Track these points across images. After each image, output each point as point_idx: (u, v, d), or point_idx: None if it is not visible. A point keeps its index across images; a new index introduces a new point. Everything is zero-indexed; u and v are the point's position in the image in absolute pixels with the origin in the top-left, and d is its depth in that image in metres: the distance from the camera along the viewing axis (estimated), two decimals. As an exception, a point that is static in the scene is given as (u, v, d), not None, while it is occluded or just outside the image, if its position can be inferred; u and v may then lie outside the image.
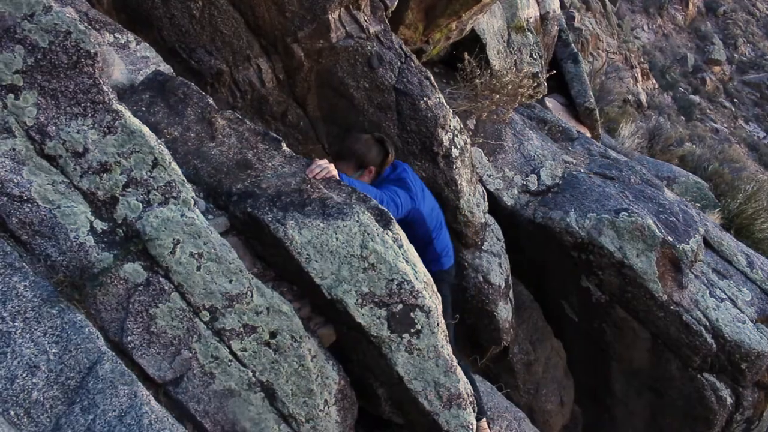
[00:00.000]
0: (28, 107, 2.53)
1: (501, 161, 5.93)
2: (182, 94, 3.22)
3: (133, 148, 2.64)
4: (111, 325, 2.56)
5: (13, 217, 2.50)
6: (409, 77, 4.50)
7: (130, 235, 2.61)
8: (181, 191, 2.69)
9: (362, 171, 3.85)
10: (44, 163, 2.57)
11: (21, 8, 2.50)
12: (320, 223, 2.87)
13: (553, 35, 9.38)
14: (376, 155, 3.90)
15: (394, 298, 2.88)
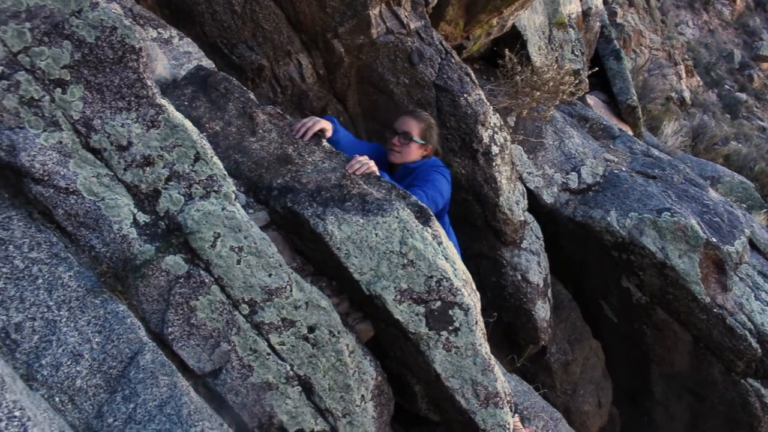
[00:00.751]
0: (74, 101, 2.57)
1: (541, 159, 5.87)
2: (224, 89, 3.24)
3: (176, 142, 2.68)
4: (152, 316, 2.60)
5: (59, 209, 2.55)
6: (450, 73, 4.48)
7: (172, 228, 2.64)
8: (223, 185, 2.72)
9: (425, 143, 3.88)
10: (89, 156, 2.61)
11: (69, 5, 2.55)
12: (360, 219, 2.87)
13: (595, 31, 9.25)
14: (438, 140, 4.00)
15: (433, 295, 2.87)
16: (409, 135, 3.82)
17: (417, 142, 3.83)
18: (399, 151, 3.85)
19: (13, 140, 2.50)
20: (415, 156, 3.87)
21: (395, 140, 3.85)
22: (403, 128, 3.85)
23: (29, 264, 2.47)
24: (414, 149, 3.85)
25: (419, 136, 3.84)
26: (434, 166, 3.86)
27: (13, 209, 2.57)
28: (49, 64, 2.54)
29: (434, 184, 3.67)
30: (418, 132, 3.85)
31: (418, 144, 3.84)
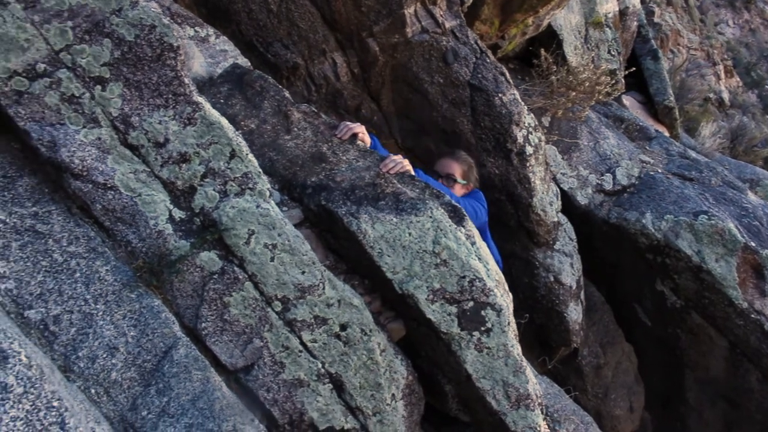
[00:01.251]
0: (113, 98, 2.61)
1: (575, 160, 5.81)
2: (259, 87, 3.27)
3: (212, 140, 2.70)
4: (186, 311, 2.63)
5: (97, 204, 2.59)
6: (484, 73, 4.46)
7: (207, 225, 2.67)
8: (257, 183, 2.74)
9: (465, 183, 4.02)
10: (127, 152, 2.64)
11: (110, 3, 2.59)
12: (393, 218, 2.87)
13: (632, 31, 9.13)
14: (478, 178, 4.16)
15: (466, 295, 2.85)
16: (452, 177, 3.97)
17: (460, 183, 3.98)
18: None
19: (54, 136, 2.54)
20: (458, 195, 3.95)
21: (440, 182, 3.94)
22: (446, 171, 3.99)
23: (68, 258, 2.52)
24: (458, 189, 3.98)
25: (462, 177, 4.00)
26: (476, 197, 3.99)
27: (53, 204, 2.62)
28: (89, 62, 2.58)
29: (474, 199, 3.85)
30: (461, 173, 4.00)
31: (461, 185, 3.99)
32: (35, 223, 2.55)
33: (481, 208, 3.86)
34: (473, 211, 3.70)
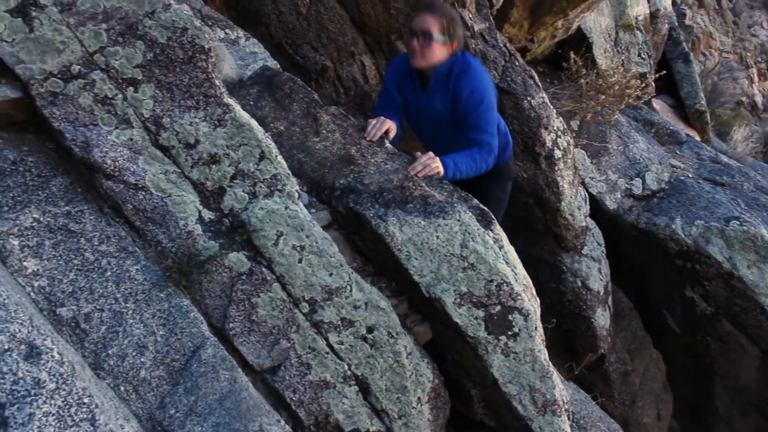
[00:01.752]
0: (145, 100, 2.65)
1: (605, 164, 5.77)
2: (288, 89, 3.29)
3: (242, 141, 2.72)
4: (214, 311, 2.65)
5: (128, 204, 2.62)
6: (513, 76, 4.45)
7: (236, 226, 2.69)
8: (286, 184, 2.75)
9: (447, 39, 3.36)
10: (158, 153, 2.68)
11: (143, 6, 2.62)
12: (421, 221, 2.87)
13: (663, 34, 9.04)
14: (463, 34, 3.49)
15: (493, 300, 2.84)
16: (428, 34, 3.31)
17: (439, 40, 3.33)
18: (421, 54, 3.36)
19: (87, 137, 2.58)
20: (440, 56, 3.38)
21: (414, 42, 3.34)
22: (421, 27, 3.33)
23: (99, 257, 2.56)
24: (437, 49, 3.35)
25: (440, 32, 3.32)
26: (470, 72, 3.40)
27: (86, 203, 2.66)
28: (122, 64, 2.62)
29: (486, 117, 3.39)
30: (439, 28, 3.32)
31: (441, 42, 3.34)
32: (68, 222, 2.59)
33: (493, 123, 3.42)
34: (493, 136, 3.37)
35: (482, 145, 3.34)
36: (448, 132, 3.51)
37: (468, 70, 3.38)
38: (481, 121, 3.35)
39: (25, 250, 2.47)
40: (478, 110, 3.35)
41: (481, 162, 3.34)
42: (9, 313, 2.10)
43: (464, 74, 3.36)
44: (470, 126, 3.37)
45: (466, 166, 3.29)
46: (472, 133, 3.36)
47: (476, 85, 3.35)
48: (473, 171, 3.33)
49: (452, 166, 3.22)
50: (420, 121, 3.66)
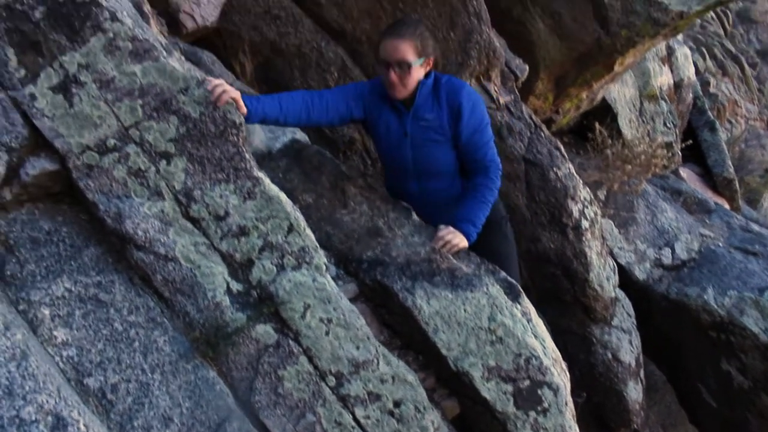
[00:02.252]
0: (177, 172, 2.70)
1: (633, 233, 5.73)
2: (317, 161, 3.34)
3: (271, 214, 2.76)
4: (240, 383, 2.63)
5: (158, 275, 2.65)
6: (539, 147, 4.48)
7: (264, 298, 2.70)
8: (314, 257, 2.77)
9: (423, 60, 3.06)
10: (188, 225, 2.72)
11: (178, 83, 2.71)
12: (449, 294, 2.86)
13: (688, 103, 9.09)
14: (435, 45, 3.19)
15: (522, 374, 2.80)
16: (405, 63, 3.01)
17: (416, 65, 3.04)
18: (401, 85, 3.08)
19: (120, 208, 2.64)
20: (419, 77, 3.10)
21: (392, 75, 3.05)
22: (396, 57, 3.00)
23: (127, 327, 2.57)
24: (415, 74, 3.06)
25: (417, 56, 3.03)
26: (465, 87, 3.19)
27: (116, 273, 2.70)
28: (156, 138, 2.69)
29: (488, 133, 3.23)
30: (414, 52, 3.01)
31: (419, 65, 3.06)
32: (98, 292, 2.62)
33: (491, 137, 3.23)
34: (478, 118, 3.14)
35: (488, 168, 3.19)
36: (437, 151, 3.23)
37: (461, 85, 3.18)
38: (485, 136, 3.20)
39: (55, 319, 2.50)
40: (481, 125, 3.17)
41: (493, 193, 3.22)
42: (38, 384, 2.11)
43: (460, 89, 3.13)
44: (476, 145, 3.18)
45: (483, 213, 3.18)
46: (479, 153, 3.19)
47: (475, 99, 3.17)
48: (489, 209, 3.20)
49: (473, 229, 3.15)
50: (401, 147, 3.26)
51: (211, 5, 4.24)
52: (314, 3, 4.39)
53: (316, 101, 3.10)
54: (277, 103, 3.00)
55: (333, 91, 3.23)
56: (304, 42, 4.42)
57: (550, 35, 5.44)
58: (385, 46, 3.03)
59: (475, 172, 3.23)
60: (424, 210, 3.33)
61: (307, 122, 3.14)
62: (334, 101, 3.15)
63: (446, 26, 4.32)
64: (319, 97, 3.13)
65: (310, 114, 3.08)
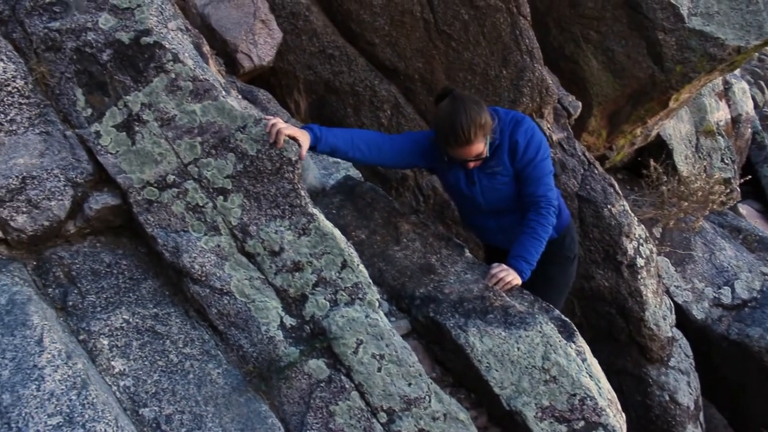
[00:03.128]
0: (234, 208, 2.77)
1: (690, 272, 5.60)
2: (370, 198, 3.38)
3: (325, 250, 2.79)
4: (292, 417, 2.64)
5: (213, 308, 2.70)
6: (593, 184, 4.44)
7: (317, 333, 2.72)
8: (367, 293, 2.78)
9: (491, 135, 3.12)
10: (244, 259, 2.76)
11: (236, 121, 2.78)
12: (502, 332, 2.84)
13: (747, 138, 8.89)
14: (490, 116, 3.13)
15: (576, 414, 2.74)
16: (481, 155, 3.13)
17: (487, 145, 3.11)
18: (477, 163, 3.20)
19: (178, 243, 2.70)
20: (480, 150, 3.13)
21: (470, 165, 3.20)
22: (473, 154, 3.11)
23: (183, 359, 2.62)
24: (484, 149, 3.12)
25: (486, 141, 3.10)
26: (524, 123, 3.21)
27: (173, 306, 2.76)
28: (214, 174, 2.76)
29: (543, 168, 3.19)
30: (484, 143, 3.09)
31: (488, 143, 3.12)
32: (155, 324, 2.68)
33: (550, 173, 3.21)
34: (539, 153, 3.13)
35: (539, 203, 3.16)
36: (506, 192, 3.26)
37: (521, 121, 3.20)
38: (537, 172, 3.17)
39: (113, 349, 2.56)
40: (534, 161, 3.15)
41: (546, 229, 3.16)
42: (96, 413, 2.16)
43: (517, 125, 3.17)
44: (528, 178, 3.17)
45: (537, 250, 3.15)
46: (531, 188, 3.17)
47: (531, 134, 3.17)
48: (543, 245, 3.17)
49: (527, 267, 3.13)
50: (472, 194, 3.31)
51: (267, 45, 4.36)
52: (368, 42, 4.47)
53: (386, 145, 3.19)
54: (349, 137, 3.09)
55: (403, 139, 3.32)
56: (357, 80, 4.51)
57: (603, 72, 5.41)
58: (457, 153, 3.11)
59: (528, 207, 3.21)
60: (508, 242, 3.30)
61: (373, 162, 3.28)
62: (403, 149, 3.24)
63: (498, 64, 4.35)
64: (390, 141, 3.23)
65: (380, 155, 3.18)
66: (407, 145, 3.27)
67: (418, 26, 4.34)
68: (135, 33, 2.75)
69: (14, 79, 2.71)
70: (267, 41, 4.39)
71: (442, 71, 4.43)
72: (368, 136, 3.21)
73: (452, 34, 4.33)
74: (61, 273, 2.72)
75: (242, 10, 4.32)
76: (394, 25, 4.36)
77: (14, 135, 2.70)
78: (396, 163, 3.36)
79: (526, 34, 4.37)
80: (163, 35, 2.78)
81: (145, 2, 2.79)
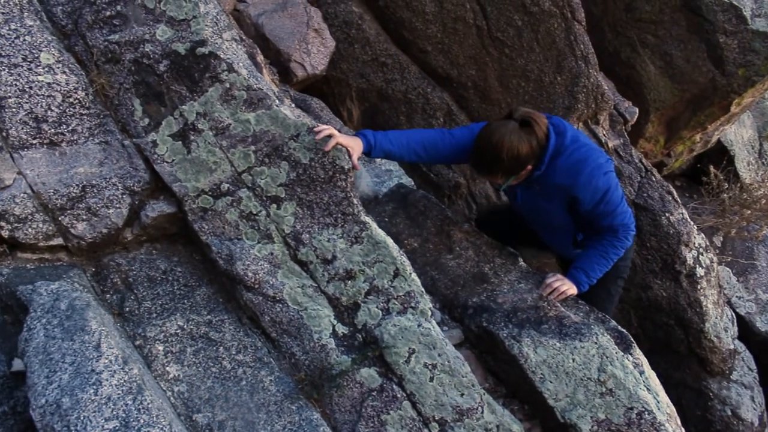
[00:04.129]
0: (287, 216, 2.78)
1: (753, 282, 5.42)
2: (422, 206, 3.36)
3: (377, 258, 2.78)
4: (343, 426, 2.63)
5: (266, 316, 2.72)
6: (650, 192, 4.34)
7: (369, 341, 2.71)
8: (420, 302, 2.76)
9: (515, 175, 2.96)
10: (296, 267, 2.78)
11: (289, 130, 2.81)
12: (556, 343, 2.78)
13: (814, 145, 8.59)
14: (529, 148, 2.86)
15: (633, 429, 2.67)
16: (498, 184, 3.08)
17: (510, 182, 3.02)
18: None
19: (232, 250, 2.73)
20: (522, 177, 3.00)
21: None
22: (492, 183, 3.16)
23: (236, 366, 2.64)
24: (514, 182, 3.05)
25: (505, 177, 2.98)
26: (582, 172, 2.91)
27: (226, 313, 2.79)
28: (267, 183, 2.78)
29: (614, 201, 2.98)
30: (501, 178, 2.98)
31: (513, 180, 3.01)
32: (209, 331, 2.71)
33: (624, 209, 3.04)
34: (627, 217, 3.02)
35: (616, 230, 3.03)
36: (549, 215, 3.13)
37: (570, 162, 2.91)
38: (609, 207, 2.97)
39: (168, 355, 2.60)
40: (602, 203, 2.95)
41: (618, 252, 3.07)
42: (151, 418, 2.19)
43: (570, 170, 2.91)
44: (599, 216, 3.01)
45: (600, 268, 3.08)
46: (606, 222, 3.02)
47: (595, 183, 2.90)
48: (609, 266, 3.09)
49: (585, 280, 3.07)
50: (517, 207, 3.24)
51: (320, 54, 4.39)
52: (421, 50, 4.47)
53: (445, 141, 3.05)
54: (405, 140, 3.00)
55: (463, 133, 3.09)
56: (410, 88, 4.50)
57: (661, 77, 5.29)
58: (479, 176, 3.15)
59: (605, 231, 3.07)
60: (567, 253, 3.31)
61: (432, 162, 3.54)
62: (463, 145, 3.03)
63: (553, 70, 4.29)
64: (449, 137, 3.06)
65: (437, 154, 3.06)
66: (467, 141, 3.04)
67: (471, 33, 4.32)
68: (191, 44, 2.80)
69: (76, 90, 2.78)
70: (320, 50, 4.42)
71: (495, 78, 4.40)
72: (425, 136, 3.07)
73: (505, 41, 4.29)
74: (118, 279, 2.77)
75: (296, 20, 4.36)
76: (446, 33, 4.35)
77: (75, 144, 2.77)
78: (454, 160, 3.22)
79: (581, 40, 4.30)
80: (218, 45, 2.82)
81: (201, 13, 2.84)
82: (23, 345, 2.31)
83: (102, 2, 2.85)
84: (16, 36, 2.72)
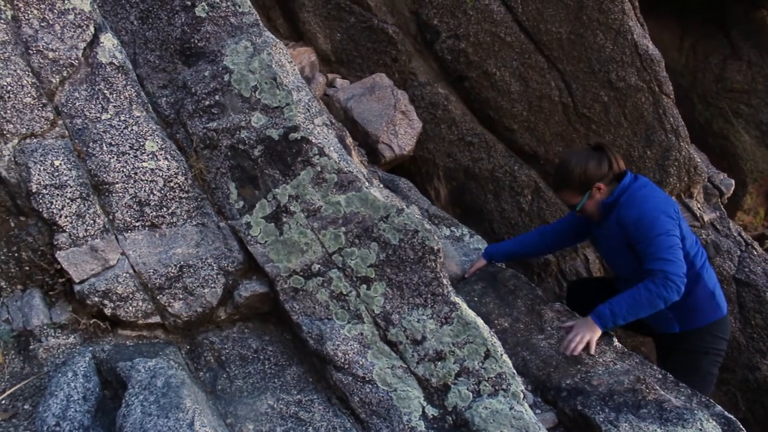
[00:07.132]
0: (377, 297, 2.80)
1: None
2: (512, 285, 3.32)
3: (467, 339, 2.75)
4: None
5: (355, 396, 2.70)
6: (752, 266, 4.16)
7: (459, 424, 2.65)
8: (511, 384, 2.70)
9: (589, 193, 3.23)
10: (386, 348, 2.77)
11: (379, 211, 2.86)
12: (657, 428, 2.64)
13: None
14: (598, 166, 3.22)
15: None
16: (572, 205, 3.33)
17: (583, 202, 3.27)
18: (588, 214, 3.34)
19: (322, 330, 2.76)
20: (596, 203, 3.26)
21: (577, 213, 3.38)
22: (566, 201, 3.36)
23: (325, 447, 2.62)
24: (587, 205, 3.28)
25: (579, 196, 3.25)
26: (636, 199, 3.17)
27: (316, 393, 2.79)
28: (357, 263, 2.82)
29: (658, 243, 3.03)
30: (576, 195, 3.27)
31: (586, 200, 3.26)
32: (298, 411, 2.71)
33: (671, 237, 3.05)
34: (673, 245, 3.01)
35: (655, 274, 2.98)
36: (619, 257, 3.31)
37: (633, 198, 3.16)
38: (652, 248, 3.03)
39: (255, 435, 2.61)
40: (647, 238, 3.05)
41: (652, 298, 2.96)
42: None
43: (630, 203, 3.16)
44: (643, 254, 3.07)
45: (628, 309, 2.99)
46: (646, 263, 3.05)
47: (643, 212, 3.09)
48: (642, 310, 2.99)
49: (607, 318, 3.01)
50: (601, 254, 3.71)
51: (407, 135, 4.49)
52: (507, 129, 4.51)
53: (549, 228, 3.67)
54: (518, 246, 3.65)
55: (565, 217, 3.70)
56: (497, 166, 4.53)
57: (758, 146, 5.15)
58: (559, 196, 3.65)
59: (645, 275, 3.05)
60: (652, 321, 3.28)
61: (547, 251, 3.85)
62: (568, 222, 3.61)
63: (642, 144, 4.24)
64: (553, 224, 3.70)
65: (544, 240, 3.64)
66: (567, 219, 3.63)
67: (557, 110, 4.34)
68: (284, 129, 2.92)
69: (176, 175, 2.93)
70: (407, 131, 4.52)
71: (582, 154, 4.37)
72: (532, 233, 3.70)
73: (592, 117, 4.29)
74: (211, 357, 2.84)
75: (383, 103, 4.49)
76: (532, 111, 4.38)
77: (174, 227, 2.90)
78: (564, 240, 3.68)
79: (670, 113, 4.25)
80: (310, 131, 2.93)
81: (294, 101, 2.96)
82: (121, 420, 2.37)
83: (202, 93, 3.03)
84: (125, 126, 2.92)
